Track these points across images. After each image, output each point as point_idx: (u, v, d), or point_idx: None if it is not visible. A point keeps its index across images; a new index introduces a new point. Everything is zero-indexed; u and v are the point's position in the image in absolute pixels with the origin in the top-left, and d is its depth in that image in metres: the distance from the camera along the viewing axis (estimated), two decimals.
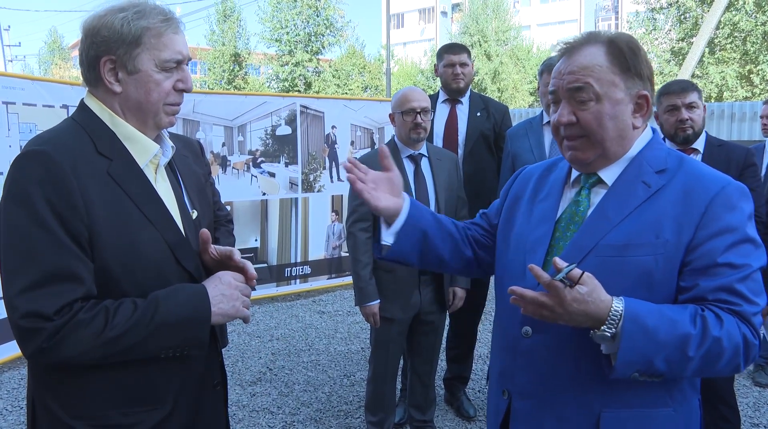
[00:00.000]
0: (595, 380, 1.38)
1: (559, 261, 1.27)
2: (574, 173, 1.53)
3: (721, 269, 1.30)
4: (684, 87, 2.99)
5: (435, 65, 4.09)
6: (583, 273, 1.26)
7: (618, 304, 1.26)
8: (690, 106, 2.96)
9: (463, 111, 3.95)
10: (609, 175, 1.45)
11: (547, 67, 3.34)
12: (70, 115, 1.52)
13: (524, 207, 1.61)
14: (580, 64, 1.40)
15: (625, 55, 1.40)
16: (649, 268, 1.33)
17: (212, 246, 1.57)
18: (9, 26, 34.79)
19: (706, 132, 3.08)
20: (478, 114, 3.92)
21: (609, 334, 1.26)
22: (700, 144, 3.04)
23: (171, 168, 1.63)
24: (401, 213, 1.61)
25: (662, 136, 3.10)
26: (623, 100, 1.40)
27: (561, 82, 1.43)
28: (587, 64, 1.39)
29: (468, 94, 3.99)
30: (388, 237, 1.61)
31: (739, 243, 1.32)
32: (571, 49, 1.44)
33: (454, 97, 3.95)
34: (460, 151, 3.86)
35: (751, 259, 1.32)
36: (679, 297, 1.34)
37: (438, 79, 4.17)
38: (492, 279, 2.41)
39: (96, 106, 1.48)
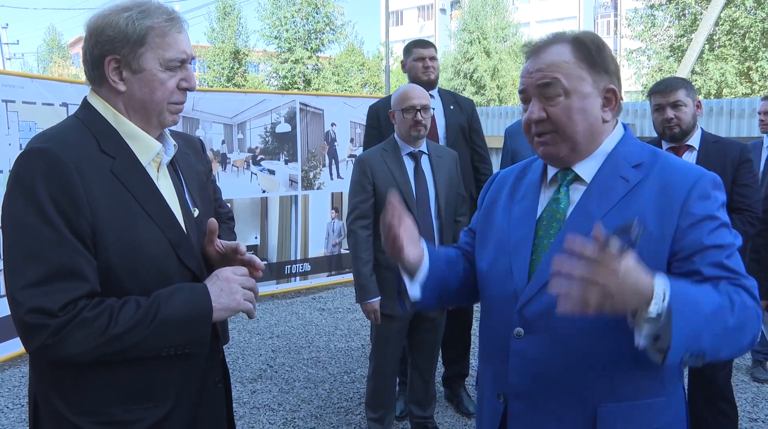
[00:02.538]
0: (588, 376, 1.38)
1: (599, 233, 1.11)
2: (551, 172, 1.54)
3: (710, 250, 1.32)
4: (669, 86, 3.00)
5: (402, 61, 4.14)
6: (637, 235, 1.15)
7: (659, 280, 1.17)
8: (675, 105, 2.97)
9: (437, 105, 3.98)
10: (586, 171, 1.47)
11: None
12: (70, 113, 1.53)
13: (502, 209, 1.61)
14: (547, 62, 1.43)
15: (590, 50, 1.42)
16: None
17: (218, 240, 1.58)
18: (7, 24, 34.71)
19: (702, 128, 3.09)
20: (452, 107, 3.98)
21: (655, 315, 1.15)
22: (695, 140, 3.05)
23: (173, 166, 1.63)
24: (423, 264, 1.58)
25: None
26: (591, 94, 1.42)
27: (530, 80, 1.45)
28: (554, 61, 1.42)
29: (437, 89, 4.04)
30: (415, 290, 1.58)
31: (718, 228, 1.35)
32: (537, 49, 1.47)
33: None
34: (442, 144, 3.89)
35: (730, 239, 1.36)
36: None
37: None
38: None
39: (99, 105, 1.48)
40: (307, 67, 30.35)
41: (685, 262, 1.34)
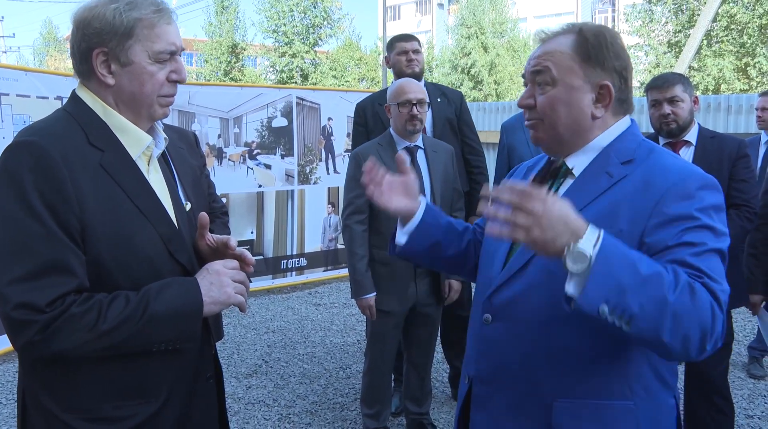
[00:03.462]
0: (546, 370, 1.38)
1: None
2: (552, 165, 1.56)
3: (674, 249, 1.25)
4: (666, 81, 2.99)
5: (386, 57, 4.13)
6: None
7: (595, 227, 1.18)
8: (672, 101, 2.96)
9: None
10: (577, 164, 1.46)
11: None
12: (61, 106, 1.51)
13: None
14: (544, 50, 1.45)
15: (588, 44, 1.41)
16: None
17: (209, 234, 1.56)
18: (3, 17, 34.59)
19: (699, 124, 3.08)
20: (439, 100, 3.96)
21: (587, 253, 1.13)
22: (692, 136, 3.04)
23: (165, 160, 1.61)
24: (415, 216, 1.67)
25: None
26: (581, 88, 1.41)
27: (528, 66, 1.48)
28: (550, 50, 1.43)
29: (423, 82, 4.00)
30: (401, 236, 1.69)
31: (694, 229, 1.26)
32: (546, 38, 1.49)
33: None
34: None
35: (708, 239, 1.26)
36: None
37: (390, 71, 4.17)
38: None
39: (88, 98, 1.46)
40: (305, 61, 30.28)
41: (654, 256, 1.28)
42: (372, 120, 3.86)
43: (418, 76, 3.93)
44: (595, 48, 1.41)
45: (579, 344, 1.35)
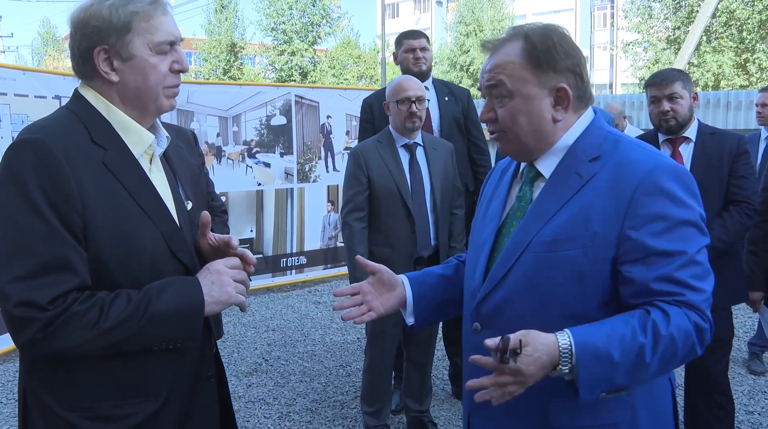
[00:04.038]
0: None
1: (488, 342, 1.24)
2: (522, 168, 1.56)
3: (654, 259, 1.29)
4: (666, 78, 2.98)
5: (394, 53, 4.10)
6: (519, 339, 1.24)
7: (564, 339, 1.25)
8: (672, 97, 2.95)
9: (431, 96, 3.94)
10: (546, 167, 1.46)
11: None
12: (63, 104, 1.51)
13: (483, 206, 1.65)
14: (495, 62, 1.44)
15: (537, 50, 1.40)
16: (578, 262, 1.34)
17: (211, 233, 1.56)
18: (1, 16, 34.58)
19: (698, 120, 3.07)
20: (446, 98, 3.94)
21: (567, 371, 1.25)
22: (692, 132, 3.03)
23: (165, 158, 1.61)
24: (407, 298, 1.69)
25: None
26: (537, 95, 1.41)
27: (482, 80, 1.48)
28: (501, 62, 1.43)
29: (431, 80, 4.00)
30: (409, 319, 1.70)
31: (671, 228, 1.30)
32: (492, 47, 1.47)
33: None
34: (436, 136, 3.86)
35: (687, 243, 1.31)
36: (621, 290, 1.34)
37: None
38: None
39: (91, 96, 1.46)
40: (305, 59, 30.27)
41: (629, 268, 1.32)
42: (379, 116, 3.85)
43: (425, 74, 3.91)
44: (545, 53, 1.40)
45: None
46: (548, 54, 1.40)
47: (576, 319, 1.32)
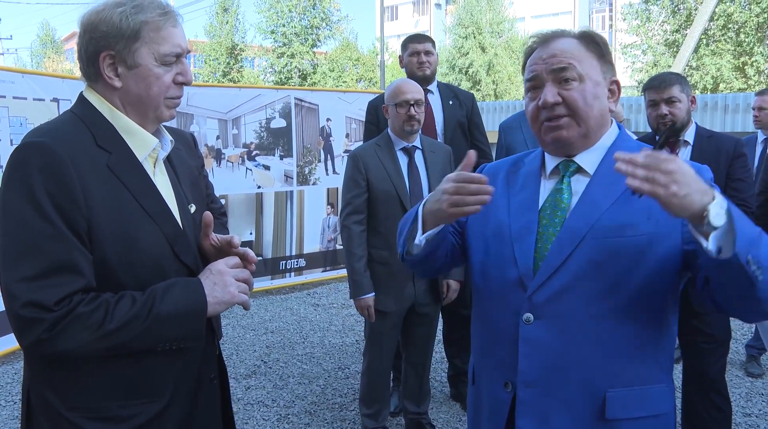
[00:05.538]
0: (597, 362, 1.40)
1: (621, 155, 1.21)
2: (550, 164, 1.56)
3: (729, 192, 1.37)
4: (664, 81, 3.00)
5: (399, 57, 4.11)
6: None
7: (718, 192, 1.22)
8: (670, 101, 2.97)
9: (435, 100, 3.96)
10: (588, 163, 1.50)
11: None
12: (61, 108, 1.53)
13: (499, 201, 1.60)
14: (560, 49, 1.47)
15: (598, 43, 1.49)
16: (644, 246, 1.37)
17: (213, 234, 1.57)
18: (0, 19, 34.52)
19: (696, 123, 3.09)
20: (451, 102, 3.96)
21: (721, 219, 1.17)
22: (689, 136, 3.05)
23: (168, 161, 1.63)
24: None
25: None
26: (601, 83, 1.48)
27: (543, 66, 1.47)
28: (567, 48, 1.47)
29: (435, 83, 4.01)
30: (420, 239, 1.55)
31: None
32: (546, 40, 1.51)
33: (422, 87, 3.96)
34: (440, 140, 3.87)
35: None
36: (701, 259, 1.31)
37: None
38: None
39: (95, 100, 1.48)
40: (305, 62, 30.31)
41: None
42: (384, 118, 3.86)
43: (429, 79, 3.92)
44: (604, 45, 1.50)
45: (626, 332, 1.40)
46: (606, 47, 1.50)
47: (642, 303, 1.37)
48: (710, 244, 1.19)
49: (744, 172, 2.98)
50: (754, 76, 20.29)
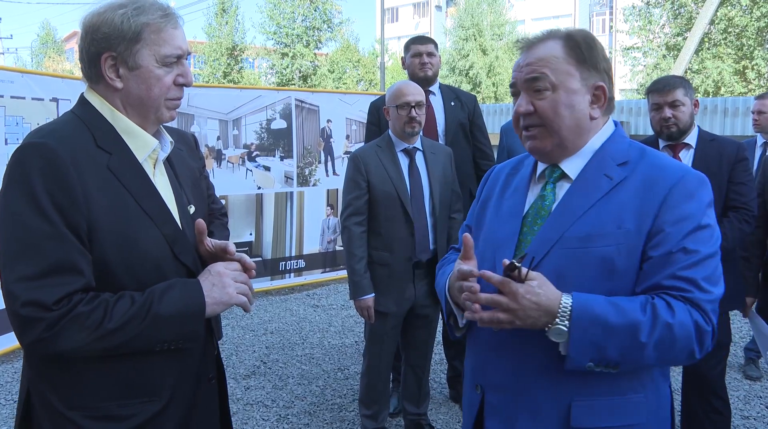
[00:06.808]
0: (562, 371, 1.39)
1: (505, 261, 1.32)
2: (540, 169, 1.56)
3: (675, 256, 1.33)
4: (668, 85, 3.00)
5: (402, 58, 4.12)
6: (528, 270, 1.30)
7: (567, 299, 1.31)
8: (674, 104, 2.97)
9: (437, 102, 3.97)
10: (572, 168, 1.49)
11: None
12: (60, 108, 1.54)
13: (493, 205, 1.64)
14: (536, 56, 1.46)
15: (580, 47, 1.45)
16: (611, 257, 1.37)
17: (208, 239, 1.58)
18: (0, 18, 34.55)
19: (698, 127, 3.09)
20: (452, 104, 3.96)
21: (564, 328, 1.30)
22: (692, 139, 3.05)
23: (168, 162, 1.64)
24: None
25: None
26: (579, 91, 1.44)
27: (519, 75, 1.49)
28: (543, 56, 1.45)
29: (437, 85, 4.01)
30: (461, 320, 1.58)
31: (695, 230, 1.35)
32: (530, 45, 1.50)
33: (424, 88, 3.96)
34: (441, 142, 3.87)
35: (704, 245, 1.35)
36: (636, 287, 1.37)
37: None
38: None
39: (96, 101, 1.49)
40: (306, 62, 30.34)
41: (650, 265, 1.35)
42: (385, 119, 3.87)
43: (430, 80, 3.92)
44: (588, 50, 1.45)
45: None
46: (591, 52, 1.46)
47: None
48: (560, 349, 1.35)
49: (746, 176, 2.99)
50: (754, 79, 20.30)
